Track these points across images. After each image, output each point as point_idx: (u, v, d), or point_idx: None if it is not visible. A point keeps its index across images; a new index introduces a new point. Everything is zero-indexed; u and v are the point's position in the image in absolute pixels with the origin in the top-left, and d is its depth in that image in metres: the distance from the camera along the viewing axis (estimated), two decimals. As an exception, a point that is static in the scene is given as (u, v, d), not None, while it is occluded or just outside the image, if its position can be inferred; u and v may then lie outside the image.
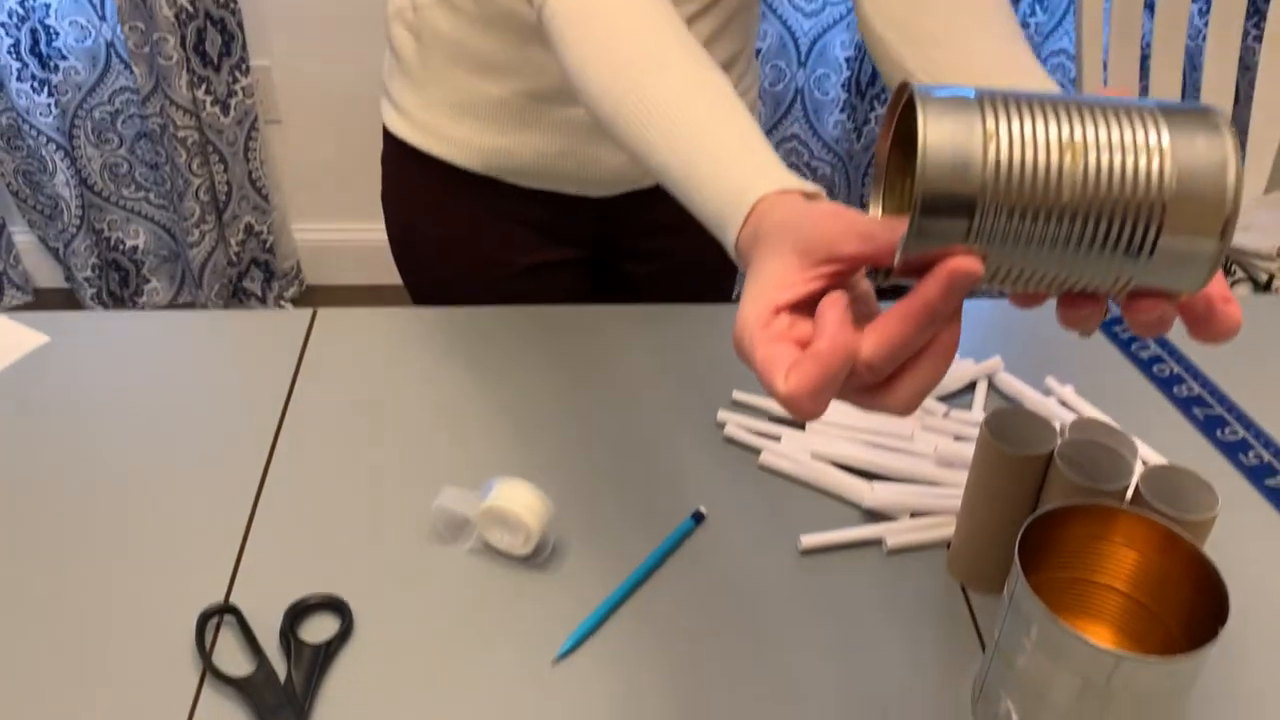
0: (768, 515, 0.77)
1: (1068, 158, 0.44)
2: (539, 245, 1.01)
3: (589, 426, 0.84)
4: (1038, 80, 0.63)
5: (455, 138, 0.93)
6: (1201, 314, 0.48)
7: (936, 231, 0.44)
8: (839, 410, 0.83)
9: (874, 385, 0.47)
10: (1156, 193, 0.43)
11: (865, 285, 0.51)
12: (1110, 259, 0.44)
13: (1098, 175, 0.43)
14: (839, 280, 0.49)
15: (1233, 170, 0.44)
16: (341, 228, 2.28)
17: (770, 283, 0.49)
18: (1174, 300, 0.47)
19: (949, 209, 0.43)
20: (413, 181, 0.99)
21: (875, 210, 0.52)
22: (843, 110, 2.01)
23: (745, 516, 0.77)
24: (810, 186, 0.54)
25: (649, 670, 0.67)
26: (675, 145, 0.58)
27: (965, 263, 0.43)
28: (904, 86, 0.48)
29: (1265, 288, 1.46)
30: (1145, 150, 0.44)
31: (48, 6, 1.91)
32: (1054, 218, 0.44)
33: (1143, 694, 0.56)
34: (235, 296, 2.23)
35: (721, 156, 0.57)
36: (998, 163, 0.43)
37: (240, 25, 1.93)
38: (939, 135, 0.44)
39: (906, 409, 0.47)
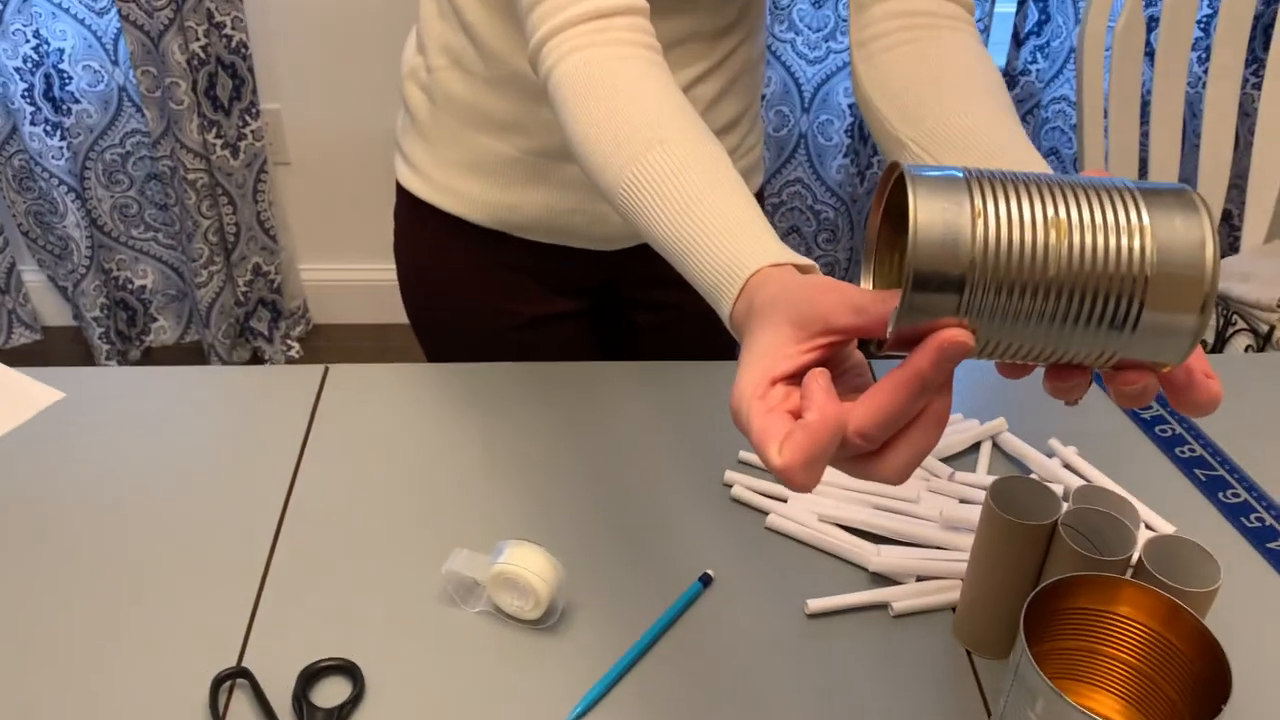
0: (774, 578, 0.77)
1: (1053, 235, 0.45)
2: (545, 297, 1.02)
3: (598, 486, 0.84)
4: (1027, 155, 0.64)
5: (465, 193, 0.95)
6: (1183, 385, 0.49)
7: (928, 306, 0.45)
8: (844, 472, 0.84)
9: (867, 454, 0.48)
10: (1139, 270, 0.45)
11: (858, 356, 0.53)
12: (1095, 333, 0.46)
13: (1082, 253, 0.45)
14: (833, 352, 0.51)
15: (1210, 248, 0.45)
16: (348, 267, 2.30)
17: (766, 354, 0.50)
18: (1157, 372, 0.48)
19: (939, 285, 0.45)
20: (423, 235, 1.00)
21: (866, 283, 0.54)
22: (846, 155, 2.03)
23: (752, 579, 0.77)
24: (803, 260, 0.56)
25: (658, 736, 0.67)
26: (672, 218, 0.60)
27: (956, 334, 0.45)
28: (894, 166, 0.49)
29: (1266, 339, 1.47)
30: (1127, 230, 0.45)
31: (61, 51, 1.93)
32: (1041, 293, 0.45)
33: (1147, 769, 0.56)
34: (242, 336, 2.25)
35: (717, 230, 0.58)
36: (986, 240, 0.45)
37: (251, 70, 1.95)
38: (930, 213, 0.45)
39: (899, 477, 0.48)
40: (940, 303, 0.45)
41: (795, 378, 0.49)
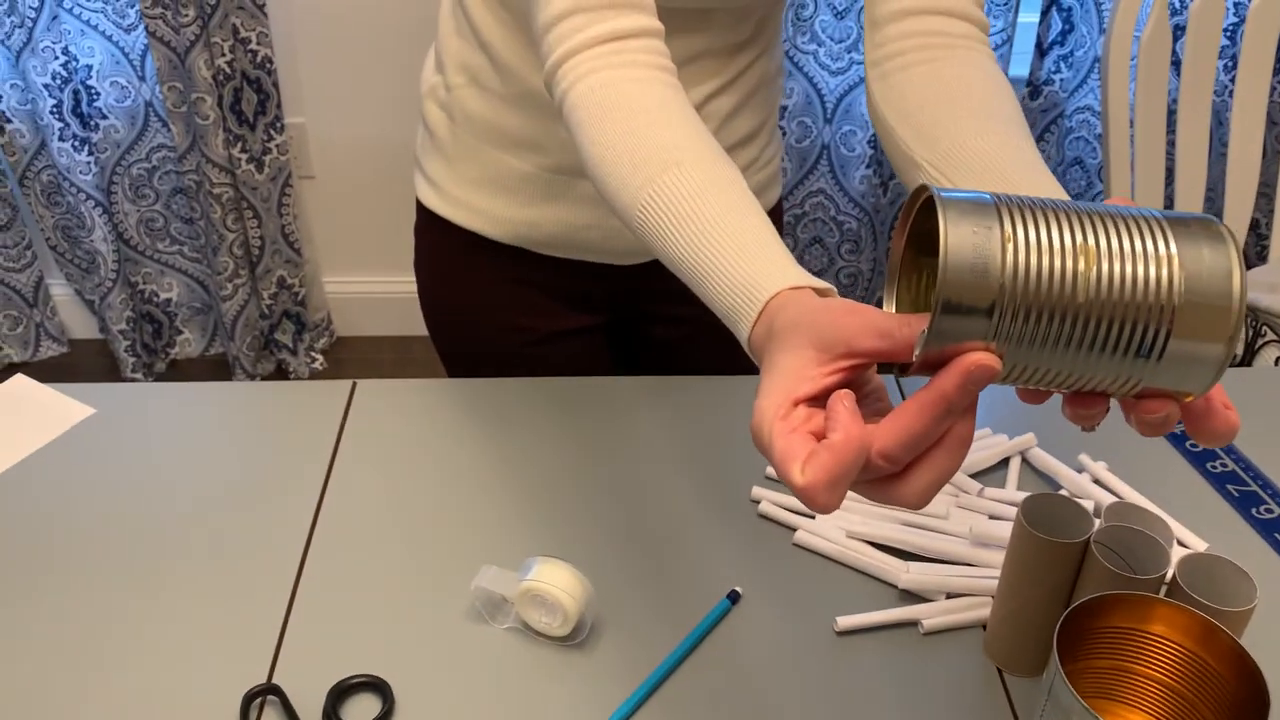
0: (803, 595, 0.77)
1: (1082, 263, 0.45)
2: (564, 311, 1.02)
3: (624, 502, 0.84)
4: (1044, 179, 0.63)
5: (483, 210, 0.95)
6: (1201, 414, 0.49)
7: (956, 331, 0.45)
8: (872, 487, 0.84)
9: (889, 477, 0.48)
10: (1166, 299, 0.45)
11: (877, 381, 0.53)
12: (1121, 361, 0.46)
13: (1110, 280, 0.45)
14: (855, 375, 0.50)
15: (1237, 278, 0.45)
16: (372, 280, 2.31)
17: (788, 376, 0.50)
18: (1179, 401, 0.48)
19: (969, 310, 0.45)
20: (443, 251, 1.01)
21: (889, 305, 0.54)
22: (868, 166, 2.03)
23: (780, 596, 0.77)
24: (821, 283, 0.56)
25: (687, 755, 0.67)
26: (690, 240, 0.60)
27: (984, 359, 0.45)
28: (922, 189, 0.49)
29: (1296, 350, 1.45)
30: (1155, 258, 0.45)
31: (89, 68, 1.95)
32: (1069, 320, 0.45)
33: (1184, 791, 0.56)
34: (266, 348, 2.26)
35: (734, 252, 0.58)
36: (1016, 266, 0.45)
37: (276, 85, 1.97)
38: (959, 238, 0.45)
39: (920, 501, 0.48)
40: (969, 327, 0.45)
41: (817, 400, 0.49)
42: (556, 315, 1.03)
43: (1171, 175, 1.66)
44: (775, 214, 1.05)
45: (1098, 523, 0.67)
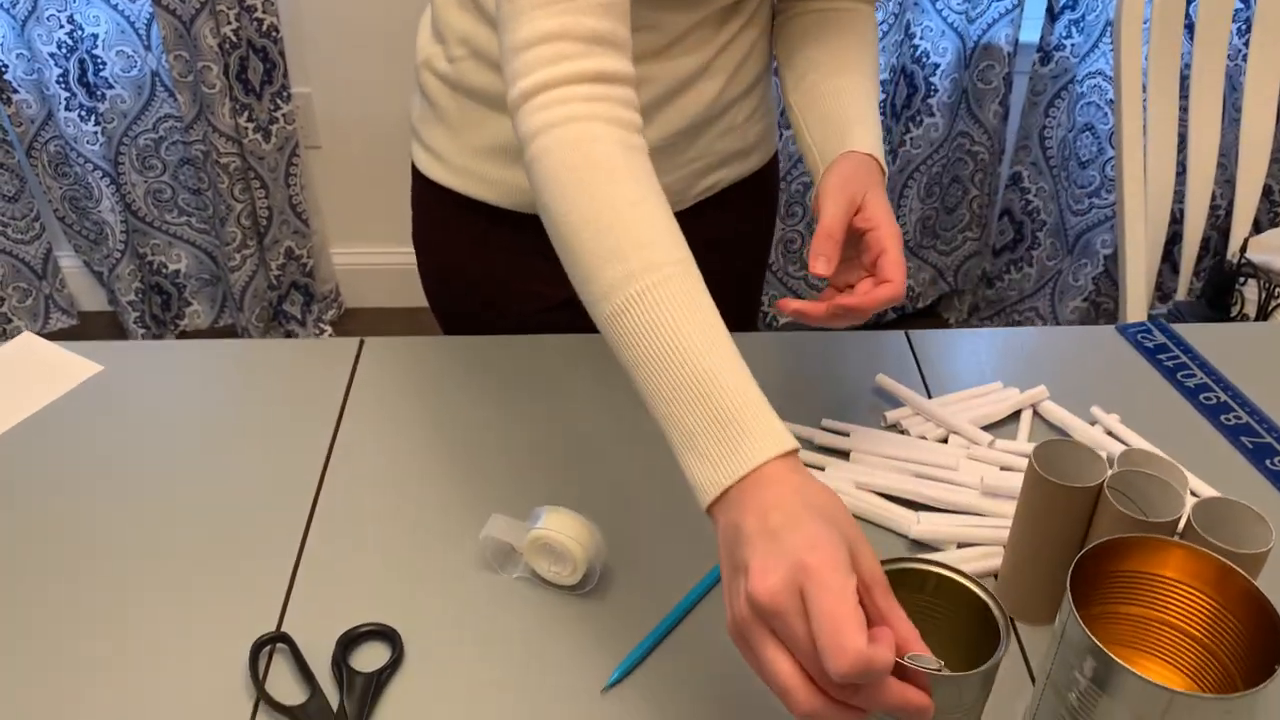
0: (813, 545, 0.77)
1: None
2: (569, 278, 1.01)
3: (634, 454, 0.84)
4: (871, 114, 0.83)
5: (492, 179, 0.94)
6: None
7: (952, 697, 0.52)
8: (883, 440, 0.83)
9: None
10: None
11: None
12: None
13: None
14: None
15: None
16: (379, 251, 2.30)
17: (841, 546, 0.52)
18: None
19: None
20: (447, 223, 1.00)
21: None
22: (878, 133, 2.01)
23: (791, 546, 0.77)
24: (793, 442, 0.56)
25: (696, 700, 0.67)
26: (664, 369, 0.58)
27: (924, 700, 0.50)
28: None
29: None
30: None
31: (95, 37, 1.95)
32: None
33: (1198, 731, 0.55)
34: (275, 320, 2.26)
35: (714, 401, 0.57)
36: None
37: (282, 53, 1.96)
38: None
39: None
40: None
41: None
42: (564, 282, 1.02)
43: (1184, 141, 1.64)
44: (772, 164, 1.04)
45: (1111, 469, 0.67)
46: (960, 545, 0.76)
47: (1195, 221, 1.61)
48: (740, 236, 1.06)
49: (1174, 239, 1.98)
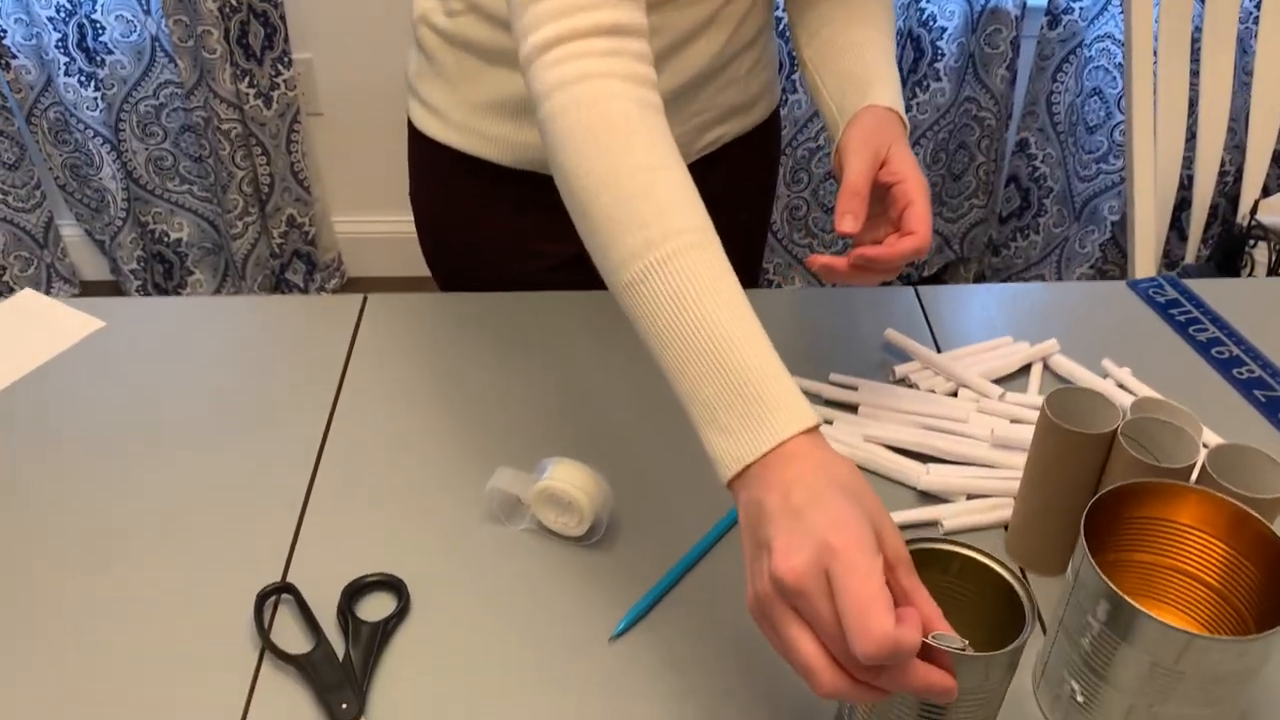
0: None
1: None
2: (576, 236, 1.00)
3: (640, 408, 0.83)
4: (888, 69, 0.81)
5: (492, 135, 0.92)
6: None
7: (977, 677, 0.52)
8: (891, 394, 0.83)
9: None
10: None
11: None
12: None
13: None
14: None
15: None
16: (382, 220, 2.29)
17: (867, 525, 0.51)
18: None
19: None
20: (446, 180, 0.98)
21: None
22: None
23: (799, 498, 0.76)
24: (817, 418, 0.55)
25: (704, 649, 0.67)
26: (684, 342, 0.56)
27: (947, 681, 0.50)
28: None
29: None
30: None
31: (94, 1, 1.93)
32: None
33: (1212, 675, 0.55)
34: (278, 289, 2.25)
35: (737, 376, 0.55)
36: None
37: (283, 18, 1.94)
38: None
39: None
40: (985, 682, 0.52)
41: None
42: (570, 239, 1.00)
43: (1194, 104, 1.62)
44: (774, 119, 1.03)
45: (1124, 415, 0.66)
46: (970, 497, 0.75)
47: (1204, 187, 1.60)
48: (743, 192, 1.05)
49: (1181, 206, 1.97)
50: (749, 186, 1.05)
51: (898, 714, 0.55)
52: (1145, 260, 1.49)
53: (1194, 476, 0.64)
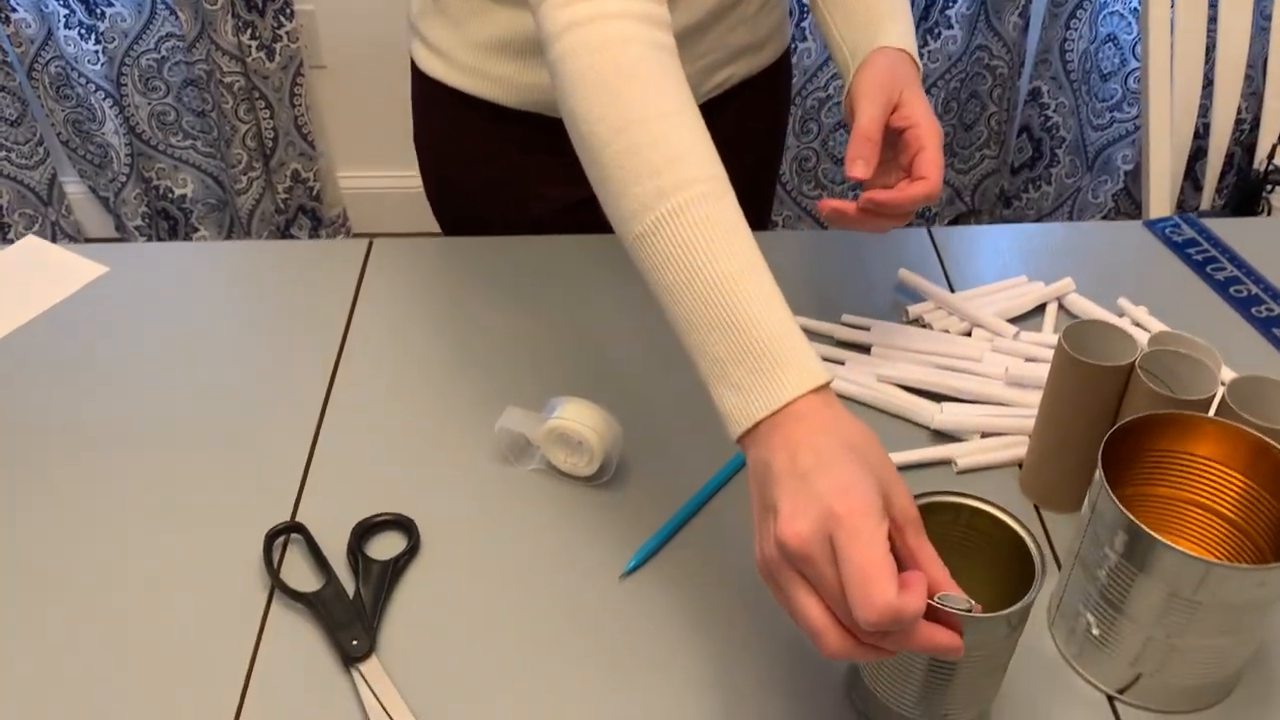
0: (834, 436, 0.75)
1: None
2: (583, 179, 0.99)
3: (650, 349, 0.82)
4: (901, 11, 0.78)
5: (497, 75, 0.91)
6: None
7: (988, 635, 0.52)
8: (904, 334, 0.82)
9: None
10: None
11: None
12: None
13: None
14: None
15: None
16: (388, 175, 2.27)
17: (873, 491, 0.50)
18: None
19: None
20: (451, 122, 0.97)
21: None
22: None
23: (811, 438, 0.75)
24: (828, 376, 0.54)
25: (713, 586, 0.66)
26: (696, 296, 0.55)
27: (953, 640, 0.49)
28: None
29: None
30: None
31: (93, -48, 1.90)
32: None
33: (1230, 605, 0.54)
34: (283, 244, 2.24)
35: (747, 330, 0.54)
36: None
37: (284, -31, 1.92)
38: None
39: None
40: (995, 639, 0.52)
41: None
42: (577, 182, 0.99)
43: (1211, 50, 1.59)
44: (784, 60, 1.01)
45: (1142, 348, 0.65)
46: (984, 435, 0.74)
47: (1221, 134, 1.57)
48: (752, 135, 1.03)
49: (1196, 156, 1.94)
50: (758, 130, 1.04)
51: (907, 669, 0.54)
52: (1160, 205, 1.47)
53: (1212, 409, 0.63)
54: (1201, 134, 1.86)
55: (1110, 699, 0.61)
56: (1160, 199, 1.48)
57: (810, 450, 0.51)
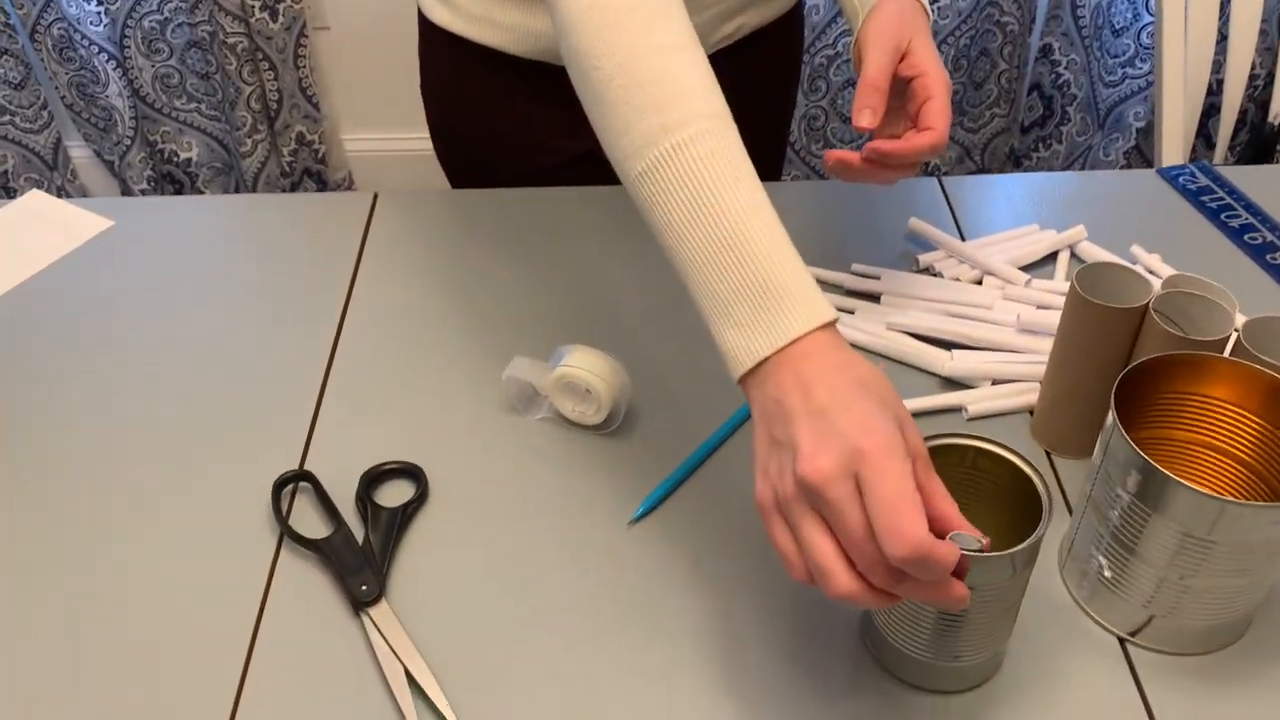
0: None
1: None
2: (590, 130, 0.98)
3: (658, 299, 0.82)
4: None
5: (505, 23, 0.90)
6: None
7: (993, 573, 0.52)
8: (915, 283, 0.81)
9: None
10: None
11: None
12: None
13: None
14: None
15: None
16: (393, 137, 2.26)
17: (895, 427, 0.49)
18: None
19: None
20: (458, 72, 0.96)
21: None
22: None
23: (820, 386, 0.75)
24: (835, 313, 0.53)
25: (721, 534, 0.66)
26: (701, 233, 0.54)
27: (960, 591, 0.49)
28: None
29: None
30: None
31: (94, -88, 1.89)
32: None
33: (1245, 544, 0.53)
34: (289, 208, 2.23)
35: (754, 268, 0.53)
36: None
37: (286, -73, 1.90)
38: None
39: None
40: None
41: None
42: (585, 133, 0.98)
43: (1225, 5, 1.57)
44: (797, 10, 1.00)
45: (1156, 291, 0.64)
46: (995, 382, 0.74)
47: (1234, 89, 1.56)
48: (763, 87, 1.02)
49: (1209, 113, 1.92)
50: (770, 82, 1.03)
51: (919, 612, 0.54)
52: (1173, 161, 1.45)
53: (1227, 350, 0.62)
54: (1215, 90, 1.84)
55: (1122, 641, 0.60)
56: (1173, 155, 1.46)
57: (824, 388, 0.50)
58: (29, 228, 0.91)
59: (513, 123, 0.96)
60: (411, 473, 0.70)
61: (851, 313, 0.80)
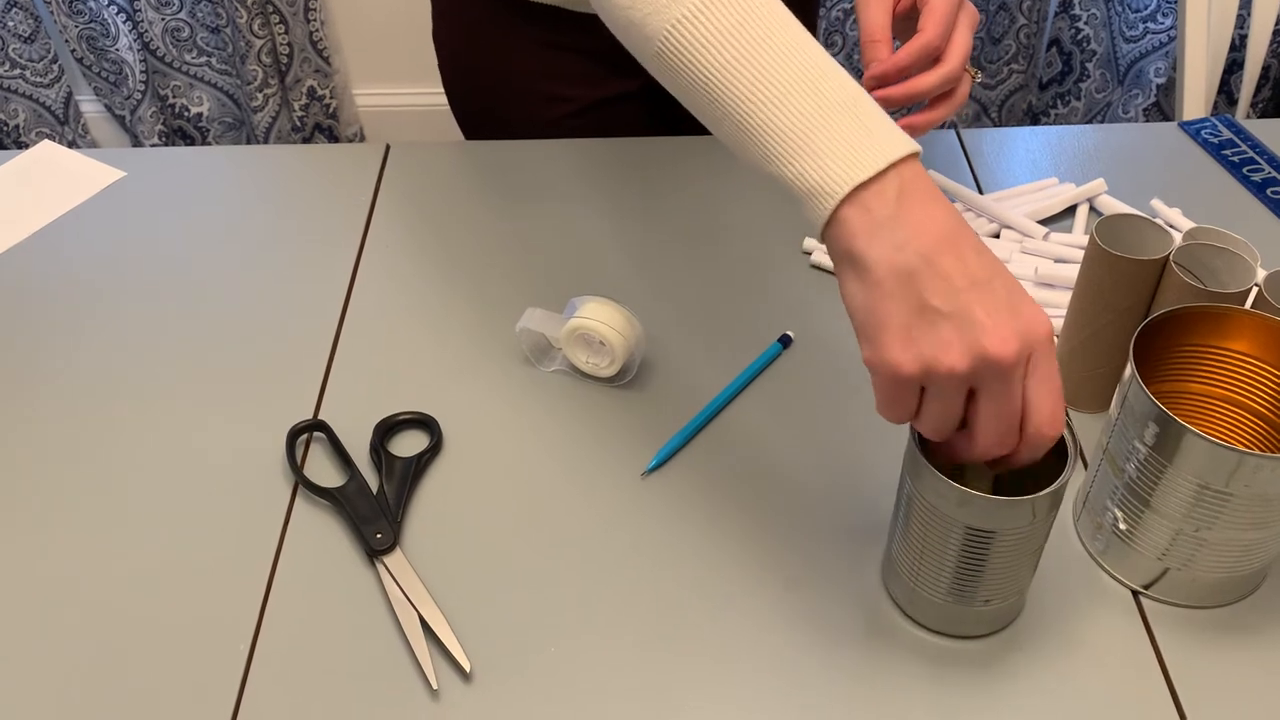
0: (855, 339, 0.74)
1: None
2: (604, 77, 0.97)
3: (673, 252, 0.81)
4: None
5: None
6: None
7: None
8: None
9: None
10: None
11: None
12: None
13: None
14: None
15: None
16: (405, 92, 2.25)
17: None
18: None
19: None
20: (469, 18, 0.95)
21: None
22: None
23: (832, 341, 0.75)
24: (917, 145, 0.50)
25: (735, 484, 0.66)
26: (746, 77, 0.50)
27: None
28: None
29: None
30: None
31: None
32: None
33: (1262, 496, 0.53)
34: (300, 163, 2.22)
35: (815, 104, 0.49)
36: None
37: (296, -123, 1.87)
38: None
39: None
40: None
41: None
42: (598, 81, 0.97)
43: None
44: None
45: (1176, 243, 0.63)
46: (1011, 336, 0.73)
47: (1258, 44, 1.53)
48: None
49: (1230, 69, 1.89)
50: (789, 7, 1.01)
51: (941, 556, 0.54)
52: (1195, 112, 1.43)
53: (1248, 303, 0.61)
54: (1238, 45, 1.81)
55: (1136, 594, 0.60)
56: (1195, 111, 1.44)
57: (970, 249, 0.47)
58: (41, 178, 0.91)
59: (524, 68, 0.95)
60: (425, 423, 0.70)
61: (867, 266, 0.79)
